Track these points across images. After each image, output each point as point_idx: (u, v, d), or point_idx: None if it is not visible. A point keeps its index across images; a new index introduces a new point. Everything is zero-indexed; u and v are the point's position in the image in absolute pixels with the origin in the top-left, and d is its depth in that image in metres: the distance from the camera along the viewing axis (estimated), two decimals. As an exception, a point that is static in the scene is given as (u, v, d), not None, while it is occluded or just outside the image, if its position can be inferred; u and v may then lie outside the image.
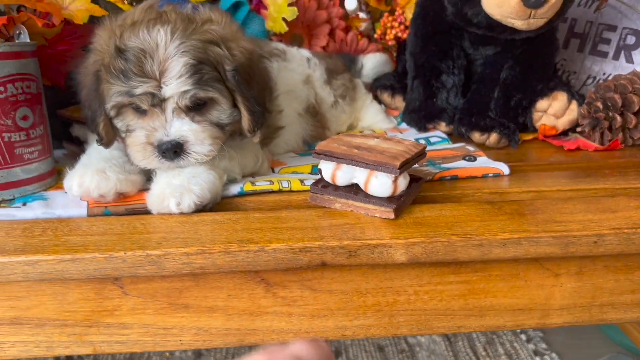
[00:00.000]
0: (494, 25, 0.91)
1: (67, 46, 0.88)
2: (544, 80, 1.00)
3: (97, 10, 0.90)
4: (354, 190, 0.70)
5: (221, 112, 0.72)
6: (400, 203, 0.67)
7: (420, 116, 1.03)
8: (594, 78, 1.14)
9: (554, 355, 1.51)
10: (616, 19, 1.11)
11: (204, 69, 0.68)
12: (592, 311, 0.72)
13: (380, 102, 1.18)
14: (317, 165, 0.84)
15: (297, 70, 0.96)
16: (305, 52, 1.05)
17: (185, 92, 0.67)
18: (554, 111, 1.00)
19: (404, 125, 1.09)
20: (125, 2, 1.13)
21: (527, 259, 0.68)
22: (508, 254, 0.65)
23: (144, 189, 0.73)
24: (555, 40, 1.01)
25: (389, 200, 0.67)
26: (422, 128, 1.03)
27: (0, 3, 0.79)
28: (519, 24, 0.87)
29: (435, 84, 1.03)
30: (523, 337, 1.61)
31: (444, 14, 1.00)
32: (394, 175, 0.66)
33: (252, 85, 0.73)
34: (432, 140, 1.00)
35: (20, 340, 0.66)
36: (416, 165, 0.78)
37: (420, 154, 0.72)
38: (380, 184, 0.66)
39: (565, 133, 1.03)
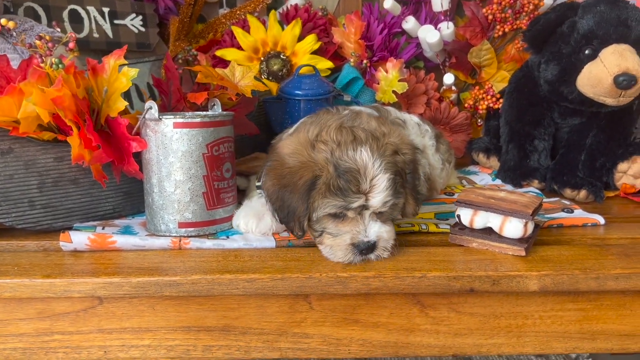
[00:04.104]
0: (585, 101, 1.10)
1: (236, 113, 1.10)
2: (624, 145, 1.17)
3: (260, 86, 1.12)
4: (487, 232, 0.87)
5: (396, 210, 0.87)
6: (529, 243, 0.85)
7: (516, 174, 1.21)
8: (664, 144, 1.31)
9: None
10: (682, 93, 1.29)
11: (396, 179, 0.83)
12: (690, 337, 0.87)
13: (475, 161, 1.37)
14: (439, 213, 1.03)
15: (415, 141, 1.09)
16: (415, 118, 1.20)
17: (386, 202, 0.83)
18: (633, 172, 1.16)
19: (498, 182, 1.27)
20: (263, 77, 1.37)
21: (633, 291, 0.83)
22: (619, 286, 0.81)
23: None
24: (633, 113, 1.20)
25: (520, 240, 0.85)
26: (518, 184, 1.21)
27: (200, 82, 1.02)
28: (609, 101, 1.06)
29: (529, 147, 1.22)
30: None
31: (537, 90, 1.19)
32: (525, 220, 0.84)
33: (415, 174, 0.89)
34: (528, 195, 1.17)
35: (226, 344, 0.84)
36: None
37: (540, 206, 0.89)
38: (514, 227, 0.84)
39: (642, 191, 1.19)
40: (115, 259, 0.85)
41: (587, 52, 1.07)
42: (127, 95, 1.34)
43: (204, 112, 0.98)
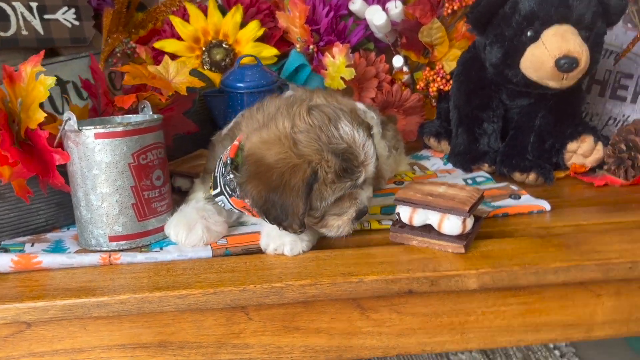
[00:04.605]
0: (530, 84, 1.08)
1: (172, 112, 1.05)
2: (573, 125, 1.16)
3: (196, 82, 1.07)
4: (427, 229, 0.86)
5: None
6: (468, 240, 0.83)
7: (465, 159, 1.19)
8: (615, 119, 1.29)
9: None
10: (632, 68, 1.28)
11: (372, 141, 0.84)
12: (629, 325, 0.86)
13: (426, 146, 1.35)
14: (385, 206, 1.01)
15: None
16: (361, 105, 1.19)
17: (375, 166, 0.84)
18: (582, 151, 1.15)
19: (449, 166, 1.25)
20: (206, 68, 1.32)
21: (574, 282, 0.83)
22: (559, 279, 0.80)
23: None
24: (581, 92, 1.18)
25: (459, 237, 0.83)
26: (468, 169, 1.19)
27: (127, 84, 0.97)
28: (552, 84, 1.03)
29: (478, 130, 1.19)
30: (557, 352, 1.74)
31: (484, 73, 1.17)
32: (463, 217, 0.82)
33: None
34: (478, 179, 1.15)
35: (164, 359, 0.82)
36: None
37: (481, 199, 0.87)
38: (452, 224, 0.82)
39: (593, 170, 1.18)
40: (42, 279, 0.81)
41: (529, 34, 1.04)
42: (65, 94, 1.28)
43: (128, 118, 0.94)
